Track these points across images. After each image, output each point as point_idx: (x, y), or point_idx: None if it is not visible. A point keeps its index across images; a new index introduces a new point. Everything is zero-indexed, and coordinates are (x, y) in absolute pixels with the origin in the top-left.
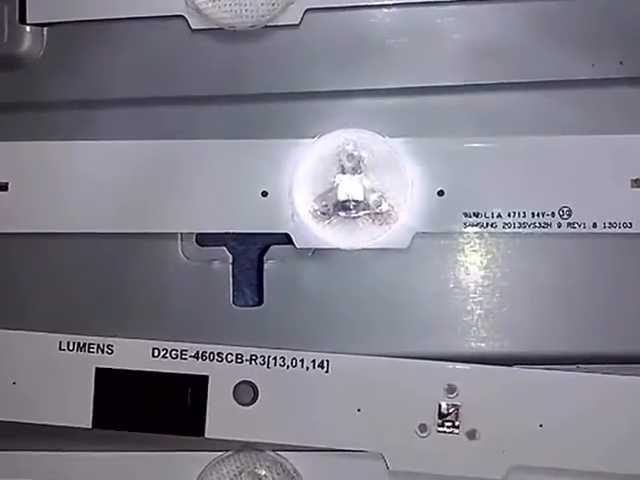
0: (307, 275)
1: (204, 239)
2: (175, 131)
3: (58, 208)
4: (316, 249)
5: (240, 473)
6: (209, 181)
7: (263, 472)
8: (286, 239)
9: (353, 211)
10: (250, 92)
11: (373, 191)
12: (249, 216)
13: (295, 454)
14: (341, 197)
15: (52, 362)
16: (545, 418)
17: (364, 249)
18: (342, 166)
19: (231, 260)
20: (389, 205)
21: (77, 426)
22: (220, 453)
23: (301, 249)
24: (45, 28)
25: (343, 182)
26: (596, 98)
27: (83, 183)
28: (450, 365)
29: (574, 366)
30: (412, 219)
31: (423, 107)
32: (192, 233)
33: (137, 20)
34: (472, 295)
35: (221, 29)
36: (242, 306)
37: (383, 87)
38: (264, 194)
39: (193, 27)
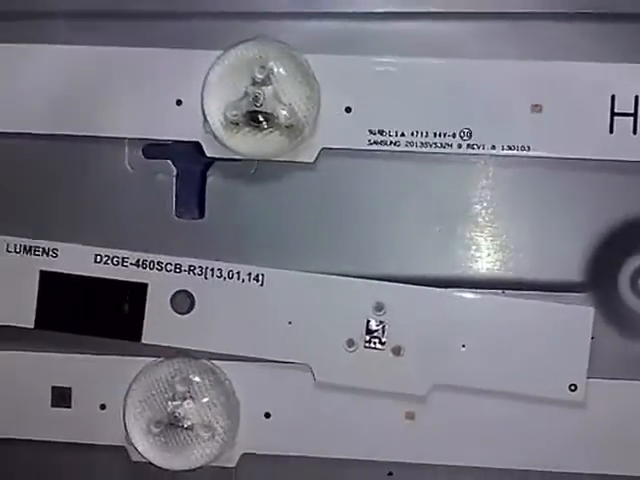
0: (246, 192)
1: (150, 151)
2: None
3: (7, 108)
4: (258, 167)
5: (173, 377)
6: (131, 88)
7: (196, 378)
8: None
9: (263, 123)
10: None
11: (283, 104)
12: (163, 124)
13: (227, 363)
14: (250, 107)
15: None
16: (468, 339)
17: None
18: (252, 77)
19: (175, 173)
20: (298, 119)
21: (20, 326)
22: (155, 358)
23: (245, 169)
24: None
25: (253, 92)
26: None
27: (33, 84)
28: (379, 283)
29: (500, 291)
30: (319, 134)
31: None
32: (137, 143)
33: None
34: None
35: None
36: (184, 218)
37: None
38: (178, 102)
39: None
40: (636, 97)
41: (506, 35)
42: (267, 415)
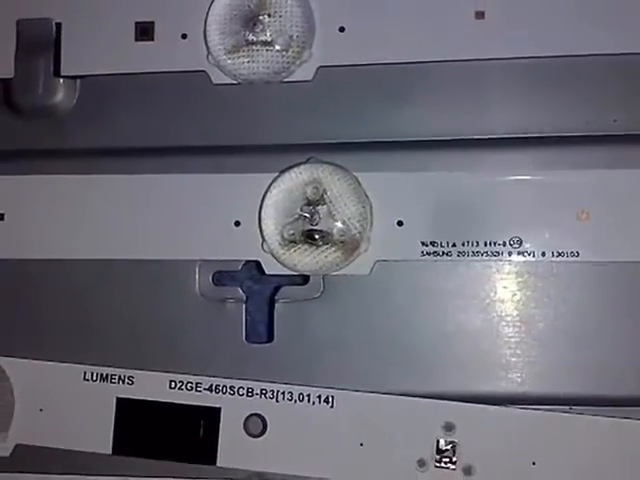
0: (313, 314)
1: (220, 278)
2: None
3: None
4: (324, 290)
5: None
6: (192, 212)
7: None
8: (299, 280)
9: (318, 240)
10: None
11: (336, 221)
12: (224, 244)
13: None
14: (306, 226)
15: (77, 391)
16: (538, 456)
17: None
18: (307, 198)
19: (245, 299)
20: (352, 235)
21: (98, 452)
22: None
23: (311, 292)
24: (78, 80)
25: (308, 212)
26: None
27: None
28: (447, 403)
29: (567, 407)
30: (373, 248)
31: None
32: (206, 270)
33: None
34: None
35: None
36: (254, 343)
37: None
38: (237, 224)
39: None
40: None
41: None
42: None
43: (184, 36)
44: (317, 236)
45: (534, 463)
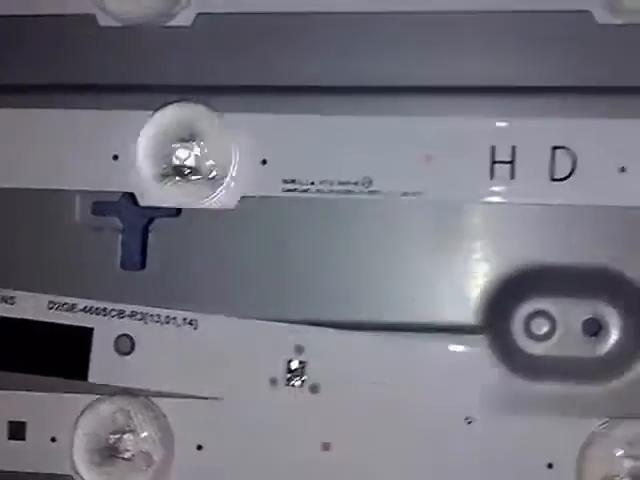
0: (184, 245)
1: (98, 208)
2: None
3: None
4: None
5: (114, 413)
6: (71, 145)
7: (135, 413)
8: (172, 212)
9: (188, 175)
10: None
11: (206, 159)
12: (103, 177)
13: (165, 399)
14: (174, 162)
15: None
16: (379, 375)
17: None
18: (179, 135)
19: (121, 229)
20: (218, 171)
21: None
22: (99, 396)
23: (183, 224)
24: None
25: (174, 151)
26: None
27: None
28: (298, 327)
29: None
30: (239, 184)
31: None
32: (87, 203)
33: None
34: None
35: None
36: (128, 269)
37: None
38: (115, 158)
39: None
40: (513, 147)
41: None
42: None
43: None
44: (187, 171)
45: (374, 382)
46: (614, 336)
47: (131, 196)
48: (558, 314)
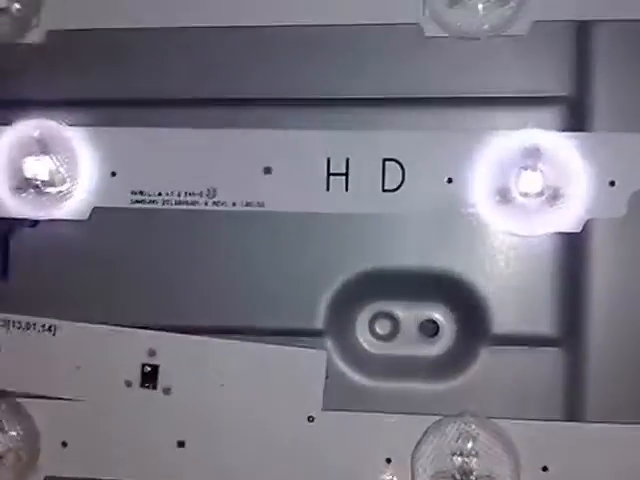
0: (41, 253)
1: None
2: None
3: None
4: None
5: None
6: None
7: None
8: (30, 223)
9: (42, 187)
10: None
11: (58, 172)
12: None
13: (32, 400)
14: (27, 174)
15: None
16: (226, 379)
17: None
18: (31, 149)
19: None
20: (70, 184)
21: None
22: None
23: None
24: None
25: (29, 164)
26: None
27: None
28: (151, 332)
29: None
30: (90, 195)
31: None
32: None
33: None
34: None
35: None
36: None
37: None
38: None
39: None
40: (347, 159)
41: None
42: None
43: None
44: (40, 184)
45: (222, 385)
46: (450, 337)
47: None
48: (400, 316)
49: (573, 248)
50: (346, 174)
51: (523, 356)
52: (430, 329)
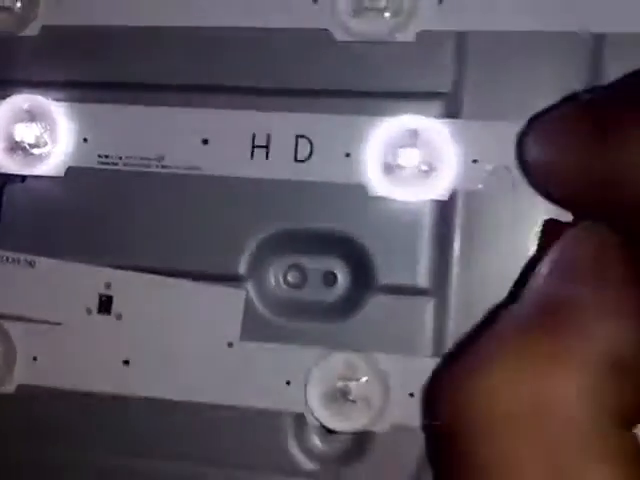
0: (27, 204)
1: None
2: None
3: None
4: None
5: None
6: None
7: None
8: (19, 179)
9: (28, 149)
10: None
11: (42, 137)
12: None
13: (10, 322)
14: (17, 138)
15: None
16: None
17: None
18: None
19: None
20: (51, 146)
21: None
22: None
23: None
24: None
25: (19, 130)
26: None
27: None
28: (107, 269)
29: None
30: (65, 158)
31: None
32: None
33: None
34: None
35: None
36: None
37: None
38: None
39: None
40: (268, 135)
41: None
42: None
43: None
44: (27, 147)
45: (162, 315)
46: (345, 287)
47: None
48: (308, 267)
49: (442, 213)
50: (267, 146)
51: (402, 303)
52: (331, 280)
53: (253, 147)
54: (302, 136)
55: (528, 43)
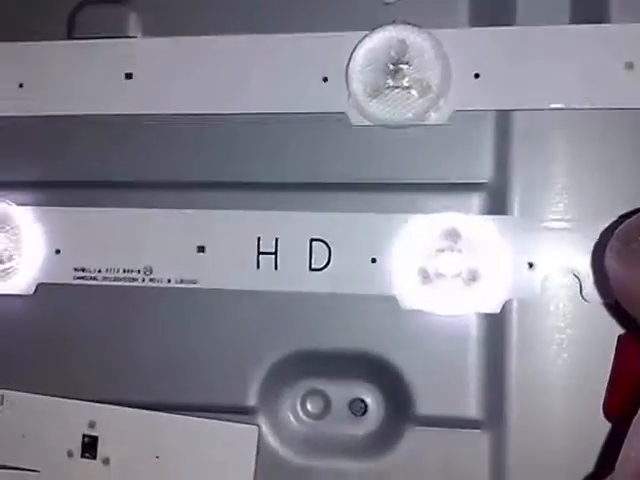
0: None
1: None
2: None
3: None
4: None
5: None
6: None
7: None
8: None
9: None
10: None
11: (6, 249)
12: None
13: None
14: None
15: None
16: (161, 451)
17: None
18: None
19: None
20: (18, 261)
21: None
22: None
23: None
24: None
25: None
26: None
27: None
28: (92, 404)
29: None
30: (34, 272)
31: None
32: None
33: None
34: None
35: None
36: None
37: None
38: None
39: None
40: (276, 239)
41: None
42: None
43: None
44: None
45: (157, 457)
46: (377, 417)
47: None
48: (330, 394)
49: (493, 329)
50: (275, 253)
51: (446, 437)
52: (359, 408)
53: (259, 254)
54: (317, 239)
55: (590, 122)
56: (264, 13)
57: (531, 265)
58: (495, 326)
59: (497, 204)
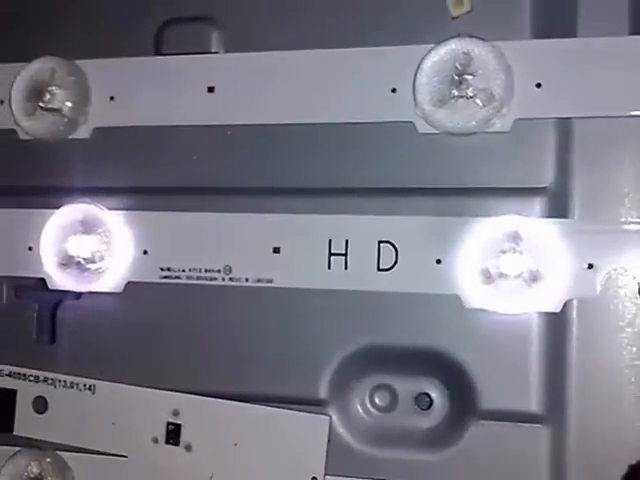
0: (83, 324)
1: (19, 295)
2: None
3: None
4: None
5: (28, 465)
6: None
7: (45, 464)
8: (74, 295)
9: (83, 264)
10: None
11: (98, 250)
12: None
13: (71, 454)
14: (71, 253)
15: None
16: (240, 439)
17: None
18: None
19: (37, 309)
20: (109, 261)
21: None
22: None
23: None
24: None
25: (72, 244)
26: None
27: None
28: (176, 394)
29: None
30: (124, 271)
31: None
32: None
33: None
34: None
35: None
36: (42, 343)
37: None
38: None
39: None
40: (346, 241)
41: None
42: None
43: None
44: (82, 262)
45: (236, 444)
46: (442, 410)
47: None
48: (398, 388)
49: (554, 327)
50: (345, 254)
51: (508, 431)
52: (425, 402)
53: (330, 255)
54: (385, 241)
55: None
56: (338, 29)
57: (591, 266)
58: (556, 324)
59: (558, 207)
